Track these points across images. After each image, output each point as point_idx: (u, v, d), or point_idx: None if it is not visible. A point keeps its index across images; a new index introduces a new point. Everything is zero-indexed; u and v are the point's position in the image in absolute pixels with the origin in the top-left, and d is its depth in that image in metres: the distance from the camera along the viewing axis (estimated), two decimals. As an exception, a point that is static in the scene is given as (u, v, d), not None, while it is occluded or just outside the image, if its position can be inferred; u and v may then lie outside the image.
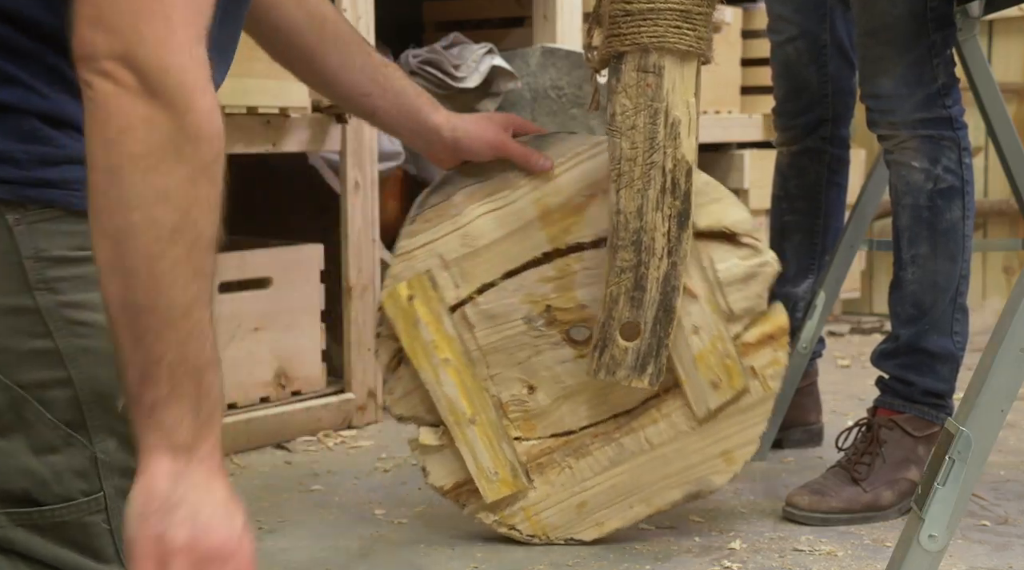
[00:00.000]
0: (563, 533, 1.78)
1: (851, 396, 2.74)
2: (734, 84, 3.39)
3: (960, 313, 1.95)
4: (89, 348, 1.15)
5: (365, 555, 1.75)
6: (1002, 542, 1.80)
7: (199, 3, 0.99)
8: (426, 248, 1.71)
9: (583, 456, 1.75)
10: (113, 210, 0.96)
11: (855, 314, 3.80)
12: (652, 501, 1.77)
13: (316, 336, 2.42)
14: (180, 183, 0.96)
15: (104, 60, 0.95)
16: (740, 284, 1.71)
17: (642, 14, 1.58)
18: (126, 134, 0.95)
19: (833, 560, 1.73)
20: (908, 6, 1.86)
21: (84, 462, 1.16)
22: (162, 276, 0.96)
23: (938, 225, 1.92)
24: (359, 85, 1.66)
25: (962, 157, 1.91)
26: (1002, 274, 3.62)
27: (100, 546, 1.17)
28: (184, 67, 0.96)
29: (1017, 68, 3.53)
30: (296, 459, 2.27)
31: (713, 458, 1.75)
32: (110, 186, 0.96)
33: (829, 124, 2.25)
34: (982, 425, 1.36)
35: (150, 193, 0.95)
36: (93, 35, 0.95)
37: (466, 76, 2.56)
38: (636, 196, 1.62)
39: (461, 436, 1.73)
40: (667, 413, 1.74)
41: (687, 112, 1.61)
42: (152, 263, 0.96)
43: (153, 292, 0.96)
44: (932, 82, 1.88)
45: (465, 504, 1.77)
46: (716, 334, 1.70)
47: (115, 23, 0.95)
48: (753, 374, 1.73)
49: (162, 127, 0.95)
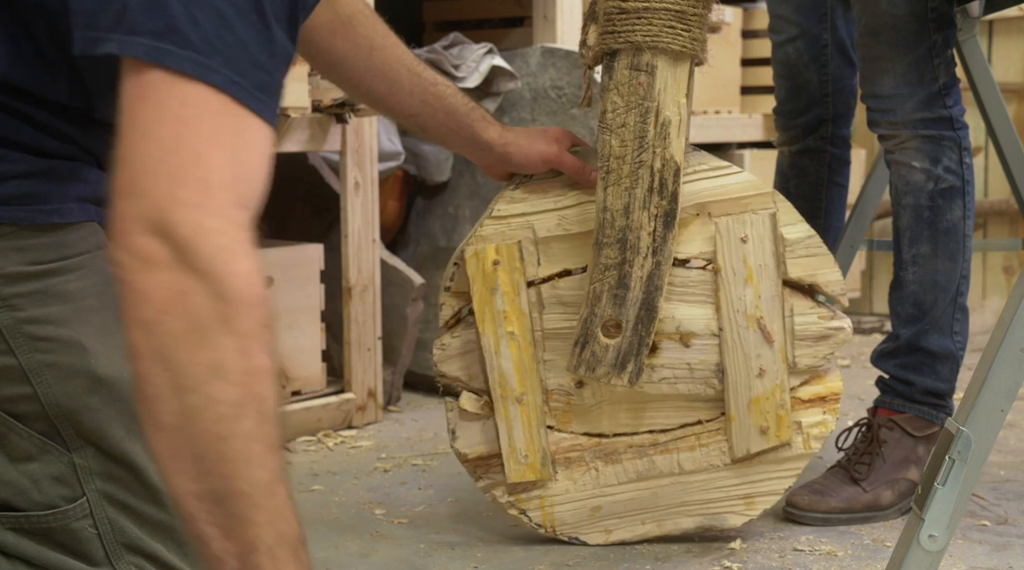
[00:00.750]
0: (570, 531, 1.78)
1: (851, 396, 2.74)
2: (734, 84, 3.39)
3: (960, 313, 1.95)
4: (53, 363, 1.14)
5: (365, 555, 1.75)
6: (1002, 542, 1.80)
7: (244, 171, 0.94)
8: (523, 218, 1.71)
9: (613, 463, 1.75)
10: (167, 397, 0.89)
11: (855, 314, 3.80)
12: (664, 524, 1.78)
13: (316, 336, 2.42)
14: (232, 355, 0.90)
15: (135, 235, 0.90)
16: (812, 341, 1.71)
17: (637, 12, 1.59)
18: (165, 313, 0.89)
19: (833, 560, 1.74)
20: (909, 6, 1.86)
21: (63, 468, 1.16)
22: (236, 456, 0.90)
23: (939, 225, 1.92)
24: (409, 107, 1.68)
25: (963, 157, 1.91)
26: (1002, 274, 3.62)
27: (89, 550, 1.17)
28: (220, 230, 0.91)
29: (1017, 68, 3.53)
30: (296, 459, 2.27)
31: (735, 499, 1.76)
32: (158, 372, 0.90)
33: (830, 124, 2.25)
34: (982, 425, 1.36)
35: (202, 371, 0.89)
36: (126, 205, 0.91)
37: (466, 76, 2.56)
38: (623, 194, 1.63)
39: (503, 411, 1.73)
40: (706, 443, 1.74)
41: (678, 112, 1.62)
42: (222, 444, 0.89)
43: (231, 475, 0.89)
44: (933, 82, 1.88)
45: (481, 477, 1.77)
46: (779, 383, 1.70)
47: (149, 189, 0.91)
48: (799, 430, 1.73)
49: (200, 298, 0.90)
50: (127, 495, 1.17)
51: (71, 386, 1.14)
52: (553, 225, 1.71)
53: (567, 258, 1.71)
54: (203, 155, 0.92)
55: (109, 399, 1.15)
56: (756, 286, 1.69)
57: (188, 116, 0.93)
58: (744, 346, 1.69)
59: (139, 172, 0.92)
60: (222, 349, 0.90)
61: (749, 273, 1.68)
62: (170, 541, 1.19)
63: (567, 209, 1.70)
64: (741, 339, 1.69)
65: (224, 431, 0.89)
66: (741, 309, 1.69)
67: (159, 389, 0.90)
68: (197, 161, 0.91)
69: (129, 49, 0.94)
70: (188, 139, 0.92)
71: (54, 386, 1.14)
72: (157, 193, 0.91)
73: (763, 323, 1.69)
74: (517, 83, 2.63)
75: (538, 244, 1.71)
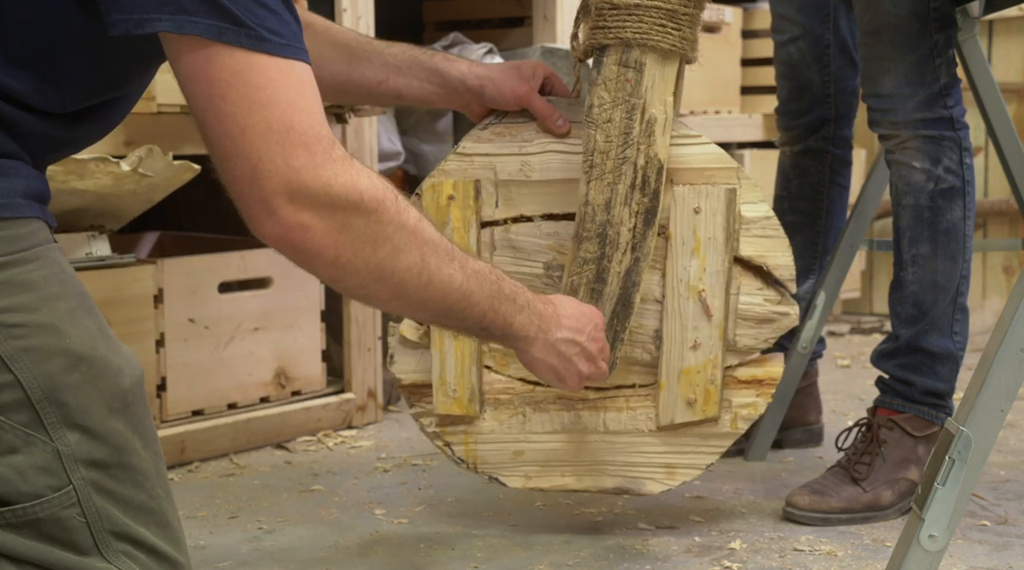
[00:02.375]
0: (490, 470, 1.78)
1: (851, 396, 2.75)
2: (734, 84, 3.39)
3: (960, 313, 1.95)
4: (29, 347, 1.16)
5: (365, 555, 1.75)
6: (1002, 542, 1.80)
7: (316, 114, 1.17)
8: (486, 158, 1.72)
9: (540, 411, 1.76)
10: (379, 287, 1.25)
11: (855, 314, 3.80)
12: (583, 479, 1.78)
13: (316, 336, 2.42)
14: (397, 232, 1.23)
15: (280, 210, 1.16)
16: (754, 323, 1.72)
17: (628, 9, 1.60)
18: (339, 247, 1.20)
19: (833, 560, 1.74)
20: (912, 6, 1.86)
21: (47, 458, 1.17)
22: (440, 288, 1.29)
23: (939, 225, 1.92)
24: (373, 75, 1.68)
25: (963, 157, 1.91)
26: (1002, 274, 3.62)
27: (78, 539, 1.18)
28: (332, 171, 1.17)
29: (1017, 68, 3.53)
30: (296, 459, 2.27)
31: (656, 466, 1.76)
32: (362, 276, 1.23)
33: (832, 124, 2.25)
34: (982, 425, 1.36)
35: (387, 259, 1.23)
36: (256, 190, 1.16)
37: (466, 76, 2.56)
38: (606, 189, 1.63)
39: (439, 343, 1.73)
40: (634, 407, 1.75)
41: (664, 111, 1.62)
42: (429, 288, 1.28)
43: (444, 303, 1.31)
44: (934, 82, 1.88)
45: (415, 404, 1.78)
46: (711, 358, 1.71)
47: (270, 169, 1.15)
48: (728, 408, 1.74)
49: (354, 221, 1.20)
50: (111, 481, 1.19)
51: (51, 366, 1.16)
52: (515, 170, 1.71)
53: (525, 204, 1.72)
54: (293, 122, 1.15)
55: (89, 376, 1.17)
56: (702, 258, 1.69)
57: (267, 88, 1.14)
58: (682, 316, 1.70)
59: (254, 158, 1.14)
60: (390, 237, 1.22)
61: (697, 244, 1.69)
62: (152, 524, 1.21)
63: (531, 156, 1.71)
64: (680, 309, 1.70)
65: (425, 279, 1.27)
66: (685, 279, 1.69)
67: (370, 288, 1.25)
68: (291, 130, 1.14)
69: (187, 28, 1.12)
70: (276, 111, 1.14)
71: (34, 369, 1.15)
72: (278, 171, 1.15)
73: (704, 296, 1.69)
74: (517, 83, 2.63)
75: (498, 186, 1.72)
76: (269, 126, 1.14)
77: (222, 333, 2.26)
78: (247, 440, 2.30)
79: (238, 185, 1.16)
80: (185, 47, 1.14)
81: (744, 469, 2.18)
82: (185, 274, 2.21)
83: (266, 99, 1.14)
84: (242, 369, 2.29)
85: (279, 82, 1.15)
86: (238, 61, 1.14)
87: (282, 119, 1.14)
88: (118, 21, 1.14)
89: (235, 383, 2.29)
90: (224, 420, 2.25)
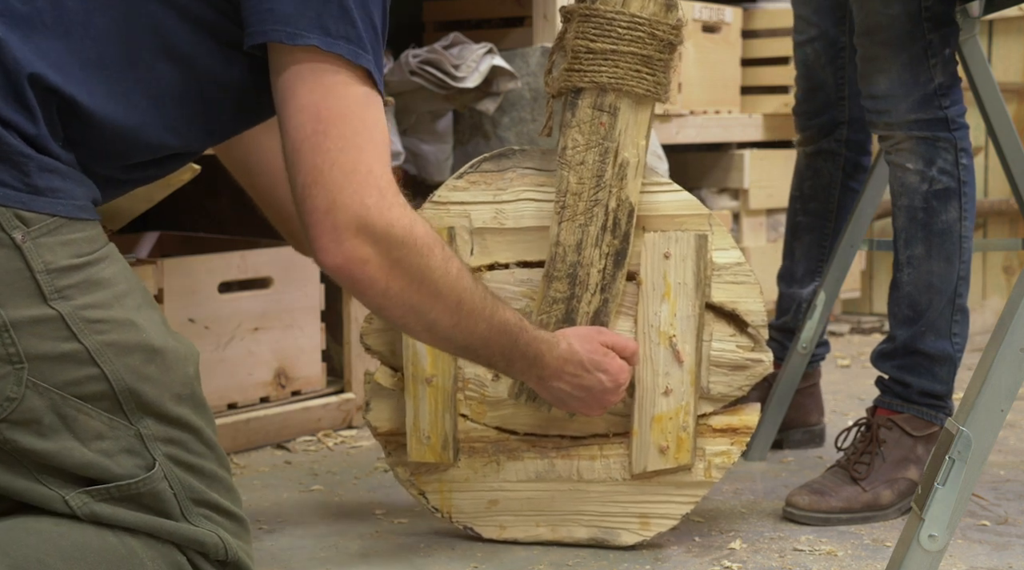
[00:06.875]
0: (466, 520, 1.78)
1: (851, 396, 2.75)
2: (734, 84, 3.39)
3: (960, 315, 1.94)
4: (112, 342, 1.29)
5: (365, 555, 1.75)
6: (1002, 542, 1.80)
7: (385, 150, 1.32)
8: (461, 206, 1.73)
9: (514, 459, 1.76)
10: (414, 318, 1.39)
11: (855, 314, 3.80)
12: (557, 530, 1.77)
13: (316, 336, 2.41)
14: (440, 276, 1.37)
15: (346, 241, 1.29)
16: (727, 370, 1.72)
17: (604, 54, 1.62)
18: (390, 280, 1.33)
19: (833, 560, 1.74)
20: (903, 6, 1.86)
21: (131, 440, 1.31)
22: (468, 320, 1.43)
23: (933, 226, 1.91)
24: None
25: (959, 158, 1.91)
26: (1002, 274, 3.62)
27: (169, 508, 1.33)
28: (396, 214, 1.31)
29: (1017, 68, 3.53)
30: (296, 459, 2.27)
31: (631, 516, 1.75)
32: (402, 309, 1.37)
33: (845, 127, 2.25)
34: (982, 425, 1.36)
35: (427, 300, 1.37)
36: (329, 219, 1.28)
37: (466, 76, 2.56)
38: (577, 230, 1.66)
39: (412, 390, 1.73)
40: (607, 455, 1.74)
41: (637, 154, 1.65)
42: (458, 328, 1.43)
43: (466, 348, 1.49)
44: (928, 82, 1.88)
45: (390, 453, 1.78)
46: (683, 405, 1.71)
47: (346, 202, 1.28)
48: (702, 457, 1.73)
49: (407, 258, 1.33)
50: (187, 454, 1.35)
51: (131, 360, 1.29)
52: (489, 218, 1.72)
53: (500, 251, 1.73)
54: (373, 166, 1.30)
55: (164, 367, 1.32)
56: (672, 304, 1.69)
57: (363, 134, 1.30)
58: (654, 362, 1.70)
59: (335, 191, 1.28)
60: (435, 280, 1.37)
61: (667, 289, 1.69)
62: (222, 489, 1.39)
63: (505, 204, 1.72)
64: (652, 354, 1.70)
65: (454, 321, 1.41)
66: (656, 325, 1.70)
67: (407, 319, 1.39)
68: (371, 173, 1.29)
69: (334, 47, 1.28)
70: (364, 155, 1.29)
71: (117, 362, 1.28)
72: (353, 207, 1.29)
73: (675, 341, 1.70)
74: (517, 83, 2.63)
75: (473, 233, 1.72)
76: (355, 167, 1.28)
77: (222, 333, 2.26)
78: (247, 440, 2.30)
79: (314, 214, 1.28)
80: (307, 76, 1.28)
81: (744, 469, 2.18)
82: (185, 274, 2.21)
83: (361, 143, 1.29)
84: (242, 369, 2.29)
85: (372, 128, 1.31)
86: (348, 104, 1.29)
87: (366, 162, 1.29)
88: (271, 31, 1.28)
89: (235, 383, 2.29)
90: (224, 420, 2.25)
